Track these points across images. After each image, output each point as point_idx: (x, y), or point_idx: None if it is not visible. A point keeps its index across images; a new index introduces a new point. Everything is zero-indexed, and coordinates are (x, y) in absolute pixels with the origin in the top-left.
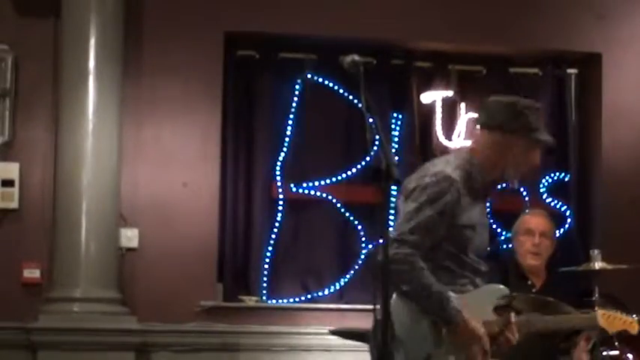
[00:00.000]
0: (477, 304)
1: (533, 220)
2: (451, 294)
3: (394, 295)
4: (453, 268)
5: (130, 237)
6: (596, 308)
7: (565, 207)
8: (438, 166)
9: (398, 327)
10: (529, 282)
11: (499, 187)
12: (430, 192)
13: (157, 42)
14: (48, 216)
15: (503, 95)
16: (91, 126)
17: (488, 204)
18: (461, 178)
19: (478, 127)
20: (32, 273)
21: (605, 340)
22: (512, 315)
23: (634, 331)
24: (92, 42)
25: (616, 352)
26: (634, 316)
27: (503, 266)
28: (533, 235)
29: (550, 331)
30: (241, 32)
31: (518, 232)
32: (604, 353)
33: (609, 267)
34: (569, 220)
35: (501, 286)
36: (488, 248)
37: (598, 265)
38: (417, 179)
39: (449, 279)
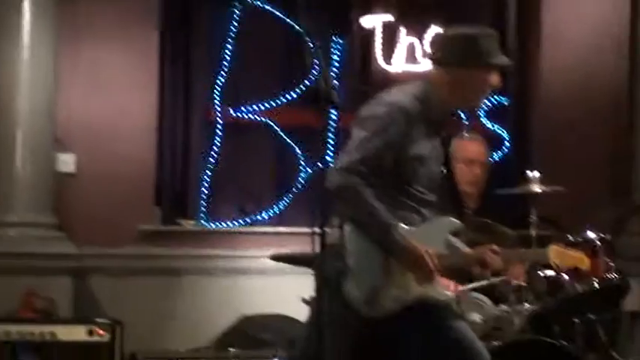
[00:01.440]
0: (429, 236)
1: (475, 149)
2: (401, 225)
3: (348, 224)
4: (399, 197)
5: (66, 162)
6: (550, 246)
7: (503, 130)
8: (393, 95)
9: (350, 255)
10: (464, 204)
11: None
12: (382, 121)
13: None
14: None
15: (455, 27)
16: (26, 52)
17: None
18: (415, 108)
19: (433, 62)
20: None
21: None
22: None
23: (585, 266)
24: None
25: (552, 272)
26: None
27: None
28: (473, 165)
29: (510, 261)
30: None
31: (458, 158)
32: (540, 273)
33: (546, 189)
34: (507, 143)
35: (453, 219)
36: (437, 177)
37: (535, 187)
38: (370, 107)
39: (395, 208)
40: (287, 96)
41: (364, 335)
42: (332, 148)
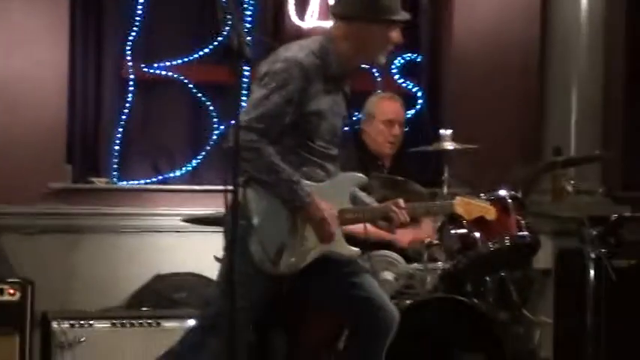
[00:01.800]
0: (334, 192)
1: (393, 109)
2: (305, 181)
3: (251, 182)
4: (301, 153)
5: None
6: (456, 198)
7: (416, 88)
8: (291, 50)
9: (255, 214)
10: (379, 162)
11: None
12: (279, 78)
13: None
14: None
15: None
16: None
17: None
18: (313, 64)
19: (334, 16)
20: None
21: (453, 218)
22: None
23: (491, 216)
24: None
25: (464, 230)
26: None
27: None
28: (392, 126)
29: (417, 215)
30: None
31: (376, 117)
32: (452, 232)
33: (459, 147)
34: (420, 100)
35: (358, 174)
36: (339, 132)
37: (448, 145)
38: (268, 64)
39: (298, 164)
40: (200, 52)
41: (274, 292)
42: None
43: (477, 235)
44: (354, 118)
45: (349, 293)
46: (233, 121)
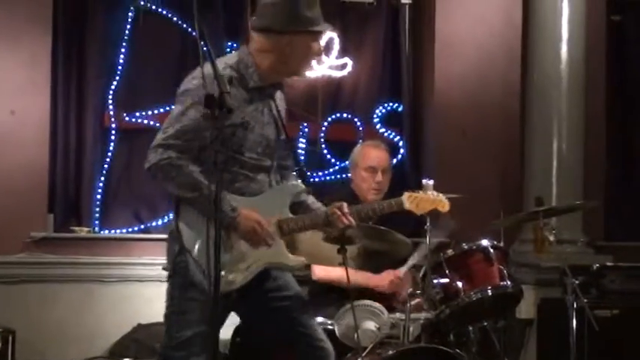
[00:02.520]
0: (271, 204)
1: (376, 156)
2: (234, 196)
3: (182, 209)
4: (232, 169)
5: None
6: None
7: (398, 137)
8: (207, 67)
9: (187, 238)
10: None
11: (333, 116)
12: (195, 93)
13: None
14: None
15: None
16: None
17: (322, 133)
18: (230, 77)
19: (254, 29)
20: None
21: (436, 268)
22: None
23: (444, 209)
24: None
25: (446, 280)
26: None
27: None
28: (375, 173)
29: (365, 217)
30: None
31: (359, 166)
32: (435, 281)
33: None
34: (401, 150)
35: (295, 183)
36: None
37: (430, 193)
38: (185, 82)
39: (229, 180)
40: None
41: (226, 310)
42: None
43: (460, 284)
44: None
45: (291, 329)
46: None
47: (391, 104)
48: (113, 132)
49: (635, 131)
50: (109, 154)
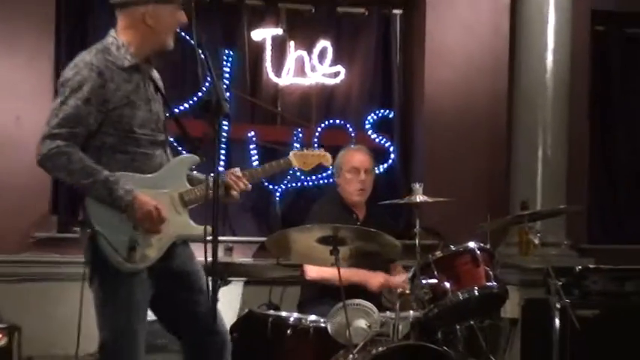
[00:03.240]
0: (171, 178)
1: (357, 158)
2: (130, 175)
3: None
4: (127, 148)
5: None
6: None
7: (389, 143)
8: (79, 56)
9: (96, 219)
10: (354, 215)
11: (326, 123)
12: (72, 82)
13: None
14: None
15: None
16: None
17: (316, 138)
18: (104, 60)
19: (115, 8)
20: None
21: (424, 269)
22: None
23: (328, 163)
24: None
25: (435, 280)
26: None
27: (335, 199)
28: (358, 174)
29: (257, 178)
30: None
31: (343, 168)
32: (423, 281)
33: (429, 200)
34: (392, 155)
35: (189, 155)
36: (162, 117)
37: (419, 198)
38: (64, 73)
39: (128, 160)
40: (180, 107)
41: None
42: (224, 157)
43: (447, 285)
44: (329, 171)
45: (190, 310)
46: (216, 173)
47: (382, 111)
48: None
49: (617, 138)
50: None
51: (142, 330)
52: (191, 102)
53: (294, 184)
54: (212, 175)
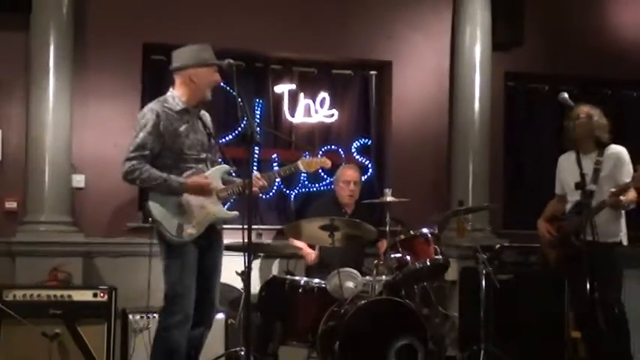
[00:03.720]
0: (210, 179)
1: (349, 173)
2: (178, 178)
3: (149, 196)
4: (179, 164)
5: (78, 180)
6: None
7: (368, 161)
8: (148, 105)
9: (156, 213)
10: (343, 210)
11: (325, 148)
12: (141, 122)
13: (98, 48)
14: (22, 165)
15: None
16: (51, 104)
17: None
18: (162, 106)
19: (173, 72)
20: (11, 204)
21: (393, 246)
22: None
23: (328, 165)
24: (51, 47)
25: (399, 255)
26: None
27: (330, 199)
28: (349, 184)
29: (274, 179)
30: (154, 43)
31: (339, 180)
32: (392, 255)
33: (396, 200)
34: (370, 170)
35: (222, 165)
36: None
37: (389, 198)
38: (138, 118)
39: (179, 171)
40: (226, 137)
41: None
42: (255, 173)
43: (408, 258)
44: (327, 181)
45: (209, 282)
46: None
47: (363, 140)
48: None
49: (523, 157)
50: None
51: (191, 284)
52: (233, 134)
53: (304, 190)
54: (245, 180)
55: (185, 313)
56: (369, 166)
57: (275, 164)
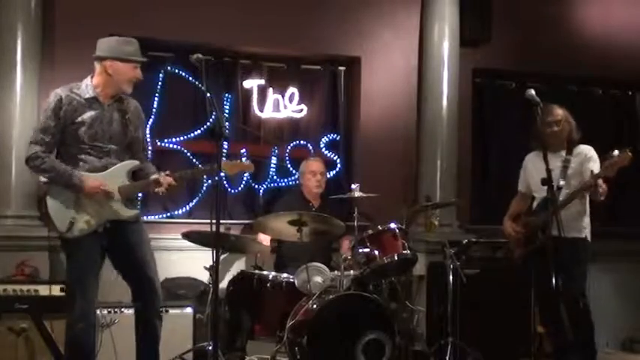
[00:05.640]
0: (114, 176)
1: (315, 164)
2: (80, 172)
3: (48, 188)
4: (81, 155)
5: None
6: (222, 163)
7: (336, 156)
8: (56, 90)
9: (49, 205)
10: (310, 204)
11: (294, 143)
12: (44, 106)
13: (66, 42)
14: None
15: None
16: (18, 98)
17: (287, 153)
18: (70, 94)
19: (95, 59)
20: None
21: (361, 241)
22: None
23: (251, 169)
24: (19, 40)
25: (368, 250)
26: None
27: (296, 194)
28: (315, 175)
29: (185, 179)
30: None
31: (305, 172)
32: (360, 251)
33: (364, 195)
34: (339, 165)
35: (131, 161)
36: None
37: (357, 193)
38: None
39: (82, 162)
40: (194, 132)
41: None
42: None
43: (376, 252)
44: (296, 175)
45: (141, 271)
46: (219, 178)
47: (332, 135)
48: (150, 153)
49: (490, 153)
50: None
51: (86, 280)
52: (202, 129)
53: (272, 184)
54: (151, 179)
55: (81, 309)
56: (338, 161)
57: (244, 159)
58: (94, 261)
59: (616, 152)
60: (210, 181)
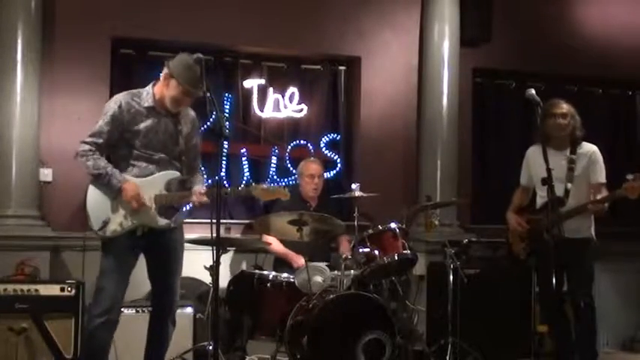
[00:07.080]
0: (152, 184)
1: (313, 167)
2: (125, 175)
3: (91, 183)
4: (131, 160)
5: (46, 174)
6: (252, 184)
7: (336, 156)
8: (116, 95)
9: (90, 203)
10: (308, 204)
11: (294, 143)
12: (104, 110)
13: (66, 42)
14: None
15: (190, 54)
16: (18, 98)
17: (287, 153)
18: (129, 100)
19: (167, 68)
20: None
21: (361, 241)
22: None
23: (286, 197)
24: (19, 40)
25: (368, 249)
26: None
27: (294, 194)
28: (313, 178)
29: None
30: (123, 37)
31: (303, 174)
32: (360, 250)
33: (364, 195)
34: (339, 165)
35: (172, 172)
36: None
37: (357, 193)
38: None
39: (130, 165)
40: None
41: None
42: (224, 167)
43: (377, 252)
44: (295, 175)
45: (165, 278)
46: (219, 177)
47: (332, 135)
48: None
49: (490, 152)
50: None
51: (113, 280)
52: (203, 128)
53: (272, 184)
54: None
55: (103, 307)
56: (338, 161)
57: (244, 159)
58: (125, 261)
59: (630, 177)
60: (210, 181)
